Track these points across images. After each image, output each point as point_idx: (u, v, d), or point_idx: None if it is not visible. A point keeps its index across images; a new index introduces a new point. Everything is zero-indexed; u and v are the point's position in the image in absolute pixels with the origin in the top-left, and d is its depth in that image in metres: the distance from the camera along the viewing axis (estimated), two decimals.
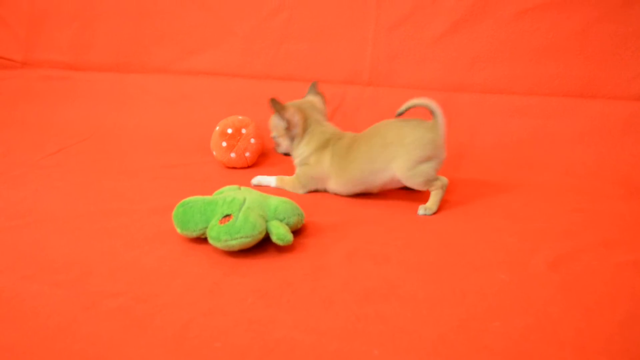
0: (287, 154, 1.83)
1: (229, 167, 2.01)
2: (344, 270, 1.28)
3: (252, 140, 1.99)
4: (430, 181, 1.59)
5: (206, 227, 1.37)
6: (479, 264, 1.30)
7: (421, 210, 1.59)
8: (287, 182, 1.79)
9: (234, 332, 1.07)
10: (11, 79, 2.69)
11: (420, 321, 1.10)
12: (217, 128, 2.01)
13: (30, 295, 1.19)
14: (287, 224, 1.40)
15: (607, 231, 1.46)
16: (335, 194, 1.74)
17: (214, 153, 2.00)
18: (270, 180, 1.81)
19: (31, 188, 1.80)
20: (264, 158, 2.09)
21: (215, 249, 1.36)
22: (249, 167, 2.02)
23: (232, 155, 1.97)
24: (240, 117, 2.04)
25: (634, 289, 1.20)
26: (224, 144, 1.97)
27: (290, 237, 1.35)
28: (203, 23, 2.42)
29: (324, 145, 1.72)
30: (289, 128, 1.74)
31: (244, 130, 1.99)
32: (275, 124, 1.76)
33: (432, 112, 1.58)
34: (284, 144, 1.79)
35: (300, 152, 1.75)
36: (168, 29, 2.48)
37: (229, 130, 1.98)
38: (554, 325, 1.08)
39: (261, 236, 1.34)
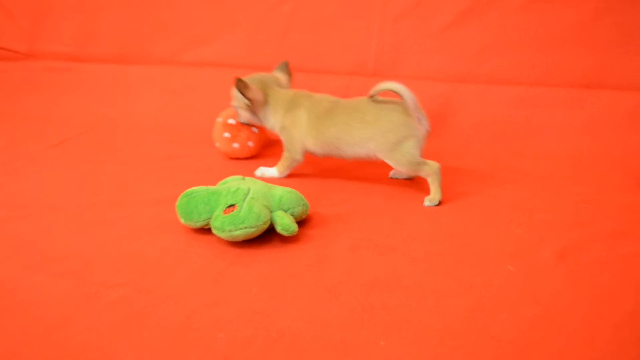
0: (249, 124, 1.91)
1: (232, 158, 1.99)
2: (348, 260, 1.28)
3: (255, 130, 1.97)
4: (415, 163, 1.59)
5: (210, 218, 1.36)
6: (486, 255, 1.29)
7: (427, 201, 1.58)
8: (282, 160, 1.80)
9: (237, 322, 1.06)
10: (14, 70, 2.68)
11: (426, 312, 1.09)
12: (219, 119, 1.99)
13: (32, 285, 1.19)
14: (292, 215, 1.39)
15: (614, 222, 1.45)
16: (313, 154, 1.77)
17: (217, 144, 1.99)
18: (273, 172, 1.81)
19: (33, 179, 1.80)
20: (267, 148, 2.08)
21: (219, 240, 1.35)
22: (252, 157, 2.01)
23: (235, 145, 1.96)
24: None
25: None
26: (227, 134, 1.95)
27: (295, 227, 1.34)
28: (207, 13, 2.41)
29: (291, 105, 1.75)
30: (251, 106, 1.78)
31: None
32: (236, 95, 1.80)
33: (400, 96, 1.58)
34: (244, 115, 1.84)
35: (273, 122, 1.79)
36: (171, 19, 2.47)
37: (231, 121, 1.96)
38: (562, 316, 1.07)
39: (265, 226, 1.33)
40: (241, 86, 1.74)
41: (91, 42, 2.60)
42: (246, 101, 1.77)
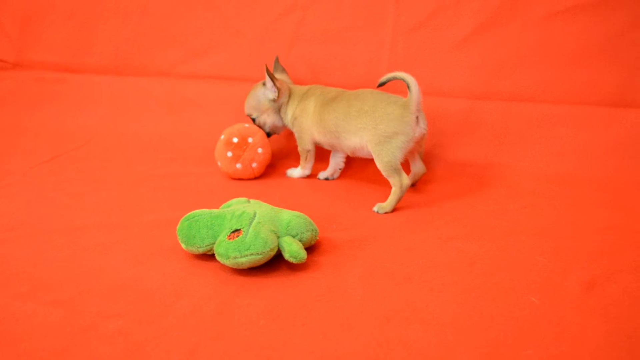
0: (272, 133, 2.05)
1: (234, 179, 2.00)
2: (362, 290, 1.27)
3: (260, 150, 1.98)
4: (391, 166, 1.70)
5: (213, 243, 1.36)
6: (508, 286, 1.29)
7: (376, 207, 1.71)
8: (301, 157, 1.99)
9: (244, 357, 1.06)
10: (2, 81, 2.68)
11: (445, 347, 1.09)
12: (222, 137, 2.00)
13: (23, 315, 1.19)
14: (301, 240, 1.39)
15: None
16: (319, 145, 1.94)
17: (219, 163, 1.99)
18: (297, 172, 2.01)
19: (23, 198, 1.80)
20: (272, 169, 2.09)
21: (223, 267, 1.35)
22: (255, 178, 2.01)
23: (238, 166, 1.96)
24: (246, 125, 2.03)
25: None
26: (230, 154, 1.96)
27: (304, 254, 1.34)
28: (209, 23, 2.42)
29: (304, 96, 1.94)
30: (277, 100, 1.96)
31: (250, 139, 1.98)
32: (260, 99, 1.99)
33: (408, 88, 1.69)
34: (269, 120, 2.01)
35: (290, 114, 1.97)
36: (171, 29, 2.47)
37: (235, 139, 1.97)
38: (592, 354, 1.06)
39: (273, 253, 1.33)
40: (272, 76, 1.91)
41: (85, 52, 2.60)
42: (271, 96, 1.95)
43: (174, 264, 1.38)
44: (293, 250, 1.33)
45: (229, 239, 1.32)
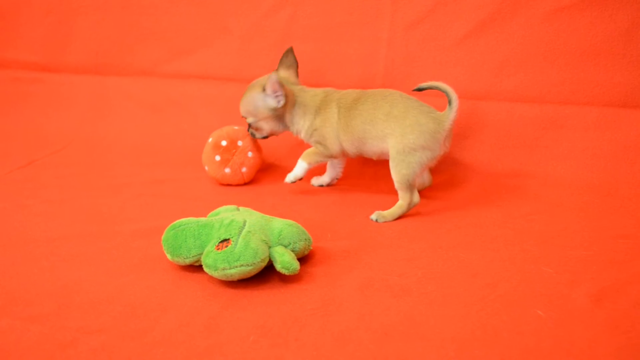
0: (267, 137, 1.96)
1: (223, 184, 2.00)
2: (358, 303, 1.28)
3: (250, 154, 1.98)
4: (407, 180, 1.69)
5: (201, 254, 1.37)
6: (512, 298, 1.29)
7: (375, 215, 1.70)
8: (311, 153, 1.86)
9: None
10: None
11: None
12: (210, 140, 2.00)
13: (0, 331, 1.18)
14: (293, 250, 1.40)
15: None
16: (347, 155, 1.88)
17: (206, 168, 2.00)
18: (300, 168, 1.86)
19: None
20: (262, 174, 2.09)
21: (212, 279, 1.35)
22: (245, 184, 2.01)
23: (227, 170, 1.97)
24: (236, 127, 2.03)
25: None
26: (218, 157, 1.96)
27: (296, 265, 1.34)
28: (195, 20, 2.42)
29: (323, 104, 1.84)
30: (281, 109, 1.84)
31: (240, 143, 1.98)
32: (258, 104, 1.85)
33: (449, 102, 1.71)
34: (267, 127, 1.90)
35: (301, 124, 1.86)
36: (155, 25, 2.48)
37: (223, 143, 1.97)
38: None
39: (263, 264, 1.34)
40: (280, 83, 1.80)
41: (64, 50, 2.61)
42: (272, 105, 1.83)
43: (160, 276, 1.38)
44: (285, 261, 1.33)
45: (217, 249, 1.33)
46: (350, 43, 2.23)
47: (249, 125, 1.93)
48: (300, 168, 1.86)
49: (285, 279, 1.37)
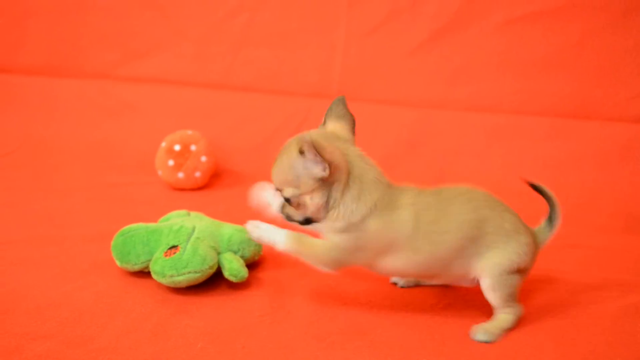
0: (306, 223, 1.26)
1: (176, 189, 1.99)
2: (306, 311, 1.28)
3: (203, 159, 1.98)
4: (512, 295, 1.27)
5: (149, 260, 1.36)
6: (461, 307, 1.31)
7: (480, 333, 1.23)
8: (313, 246, 1.25)
9: None
10: None
11: None
12: (163, 144, 2.00)
13: None
14: (243, 257, 1.40)
15: (606, 270, 1.49)
16: (385, 275, 1.37)
17: (159, 172, 1.99)
18: (278, 238, 1.25)
19: None
20: (216, 179, 2.09)
21: (160, 285, 1.35)
22: (199, 188, 2.01)
23: (180, 175, 1.96)
24: (189, 132, 2.03)
25: (636, 335, 1.22)
26: (171, 162, 1.96)
27: (244, 272, 1.34)
28: (150, 23, 2.41)
29: (391, 201, 1.23)
30: (329, 178, 1.19)
31: (193, 147, 1.98)
32: (299, 173, 1.20)
33: (549, 218, 1.36)
34: (311, 204, 1.22)
35: (349, 211, 1.21)
36: (109, 27, 2.46)
37: (177, 147, 1.97)
38: None
39: (212, 271, 1.34)
40: (315, 146, 1.15)
41: (15, 50, 2.58)
42: (319, 174, 1.18)
43: (108, 282, 1.38)
44: (233, 268, 1.34)
45: (166, 255, 1.32)
46: (306, 49, 2.24)
47: (284, 205, 1.27)
48: (274, 238, 1.25)
49: (233, 286, 1.37)
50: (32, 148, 2.34)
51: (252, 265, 1.45)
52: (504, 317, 1.26)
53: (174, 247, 1.34)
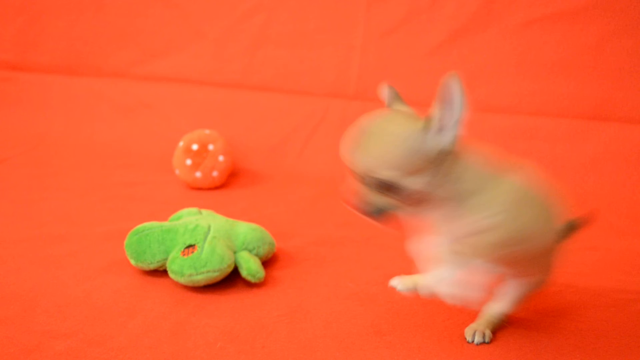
0: (378, 213, 1.04)
1: (193, 188, 2.00)
2: (325, 311, 1.28)
3: (221, 158, 1.98)
4: None
5: (165, 259, 1.37)
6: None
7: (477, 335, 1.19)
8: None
9: None
10: None
11: None
12: (181, 143, 2.00)
13: None
14: (257, 255, 1.41)
15: (626, 273, 1.48)
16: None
17: (177, 172, 2.00)
18: (445, 274, 1.05)
19: None
20: (233, 178, 2.09)
21: (178, 284, 1.35)
22: (216, 188, 2.01)
23: (198, 174, 1.96)
24: (207, 132, 2.03)
25: None
26: (189, 161, 1.96)
27: (262, 273, 1.35)
28: (168, 22, 2.42)
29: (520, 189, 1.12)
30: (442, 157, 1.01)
31: (211, 147, 1.98)
32: (418, 148, 1.00)
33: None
34: (418, 186, 1.02)
35: (477, 209, 1.05)
36: (128, 27, 2.47)
37: (194, 147, 1.97)
38: None
39: (230, 270, 1.35)
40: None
41: (34, 49, 2.59)
42: (447, 144, 1.02)
43: (127, 280, 1.38)
44: (251, 268, 1.34)
45: (183, 255, 1.33)
46: (324, 49, 2.24)
47: (381, 187, 1.02)
48: (442, 273, 1.05)
49: (250, 284, 1.37)
50: (51, 146, 2.35)
51: (267, 263, 1.46)
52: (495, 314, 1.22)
53: (190, 246, 1.34)
